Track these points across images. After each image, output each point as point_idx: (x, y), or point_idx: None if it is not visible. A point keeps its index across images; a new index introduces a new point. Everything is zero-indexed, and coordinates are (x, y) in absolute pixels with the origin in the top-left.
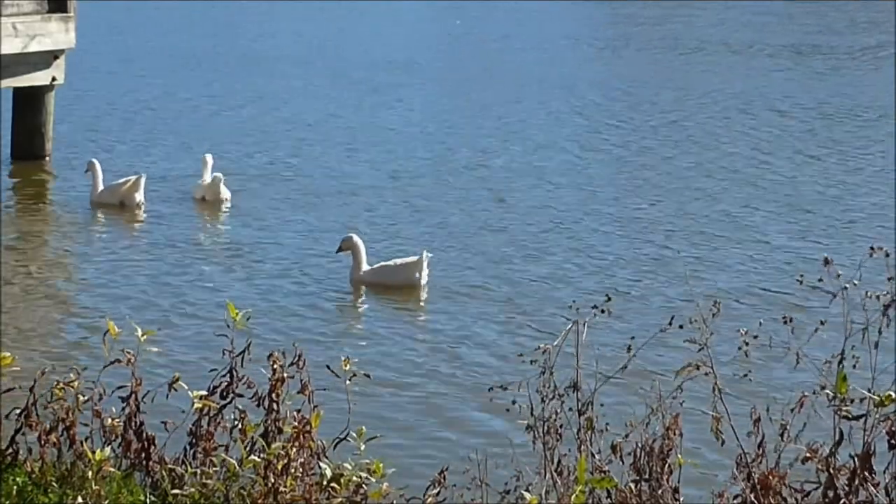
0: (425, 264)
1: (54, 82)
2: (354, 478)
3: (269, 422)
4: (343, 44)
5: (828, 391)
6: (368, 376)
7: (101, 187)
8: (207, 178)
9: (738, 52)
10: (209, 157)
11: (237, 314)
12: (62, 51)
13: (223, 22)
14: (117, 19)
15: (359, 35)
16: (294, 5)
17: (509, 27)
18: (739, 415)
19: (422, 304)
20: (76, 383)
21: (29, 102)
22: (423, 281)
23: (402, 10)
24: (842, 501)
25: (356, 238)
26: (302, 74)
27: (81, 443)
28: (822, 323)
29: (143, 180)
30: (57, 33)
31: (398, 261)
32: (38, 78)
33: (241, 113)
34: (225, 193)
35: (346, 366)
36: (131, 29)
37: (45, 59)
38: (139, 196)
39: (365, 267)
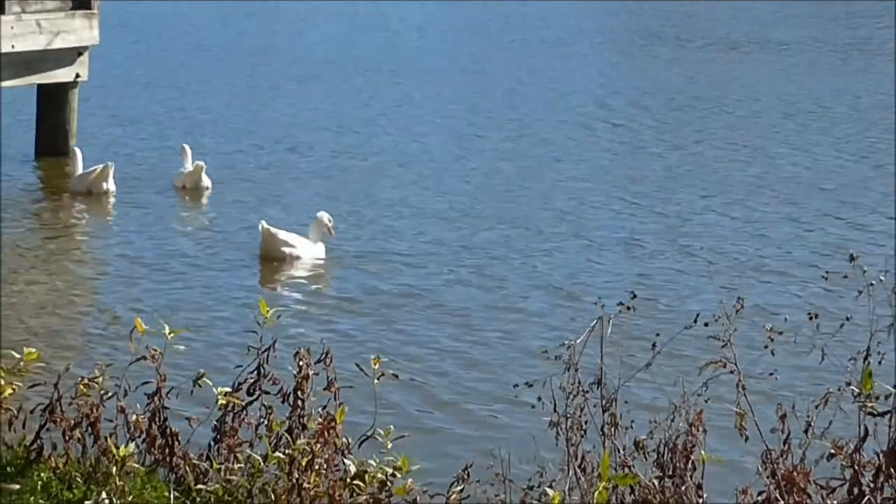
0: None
1: (78, 79)
2: (379, 474)
3: (293, 418)
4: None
5: (853, 387)
6: (396, 377)
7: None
8: (188, 167)
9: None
10: (188, 147)
11: (268, 311)
12: (86, 47)
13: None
14: (142, 16)
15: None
16: (329, 6)
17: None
18: (764, 411)
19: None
20: (100, 379)
21: (53, 99)
22: (295, 257)
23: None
24: (867, 498)
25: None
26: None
27: (106, 439)
28: (847, 319)
29: (111, 169)
30: (81, 30)
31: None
32: (62, 75)
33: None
34: (206, 182)
35: (375, 364)
36: (156, 26)
37: (68, 56)
38: (106, 184)
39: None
